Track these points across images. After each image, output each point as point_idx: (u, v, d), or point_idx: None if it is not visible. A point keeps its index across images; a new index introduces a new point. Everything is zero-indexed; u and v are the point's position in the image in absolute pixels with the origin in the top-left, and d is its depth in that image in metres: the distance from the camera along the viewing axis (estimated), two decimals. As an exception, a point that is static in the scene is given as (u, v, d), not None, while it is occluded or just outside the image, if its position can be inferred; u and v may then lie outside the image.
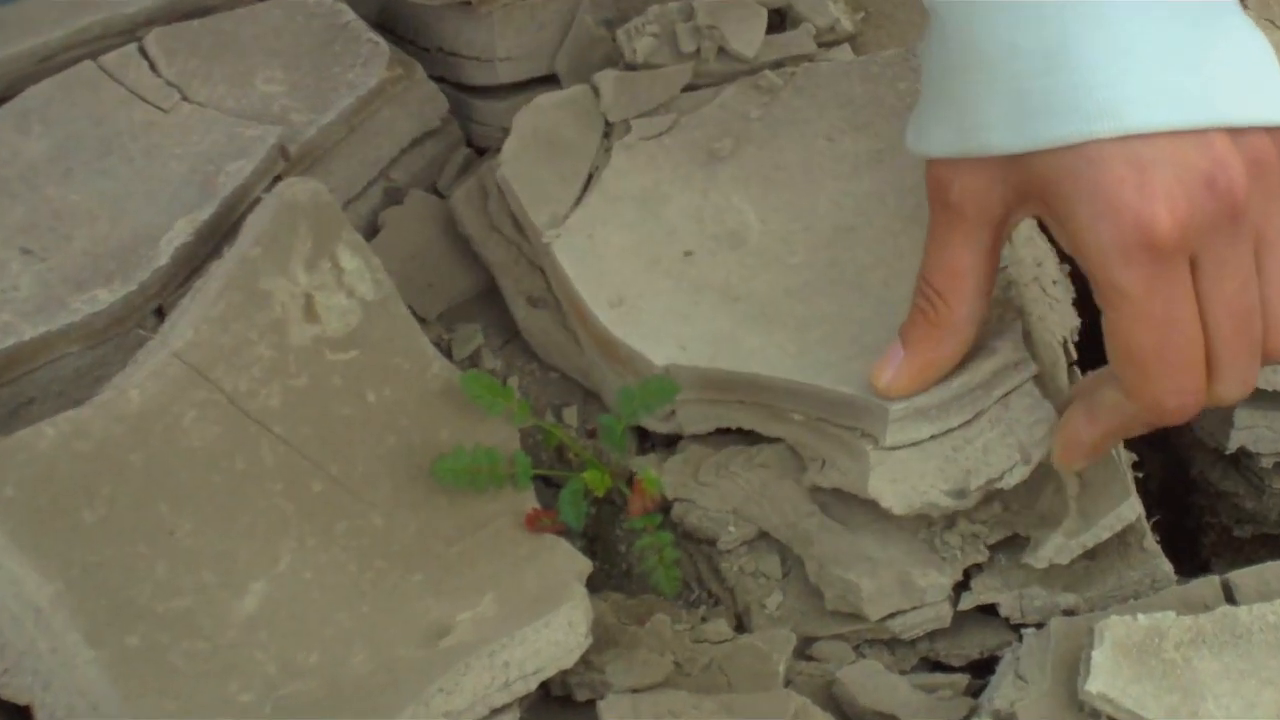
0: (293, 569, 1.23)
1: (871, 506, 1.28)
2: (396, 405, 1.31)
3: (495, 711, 1.17)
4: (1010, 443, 1.24)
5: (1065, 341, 1.33)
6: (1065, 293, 1.38)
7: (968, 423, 1.25)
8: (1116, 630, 1.14)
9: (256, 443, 1.26)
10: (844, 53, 1.53)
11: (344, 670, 1.19)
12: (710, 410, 1.35)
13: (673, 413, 1.35)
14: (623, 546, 1.40)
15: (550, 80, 1.58)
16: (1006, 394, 1.26)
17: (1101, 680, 1.12)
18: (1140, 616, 1.15)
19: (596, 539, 1.38)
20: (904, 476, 1.24)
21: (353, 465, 1.28)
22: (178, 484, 1.23)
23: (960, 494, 1.23)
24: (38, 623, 1.15)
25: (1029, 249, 1.36)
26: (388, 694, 1.16)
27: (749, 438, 1.36)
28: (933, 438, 1.25)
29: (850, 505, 1.30)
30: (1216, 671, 1.13)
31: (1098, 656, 1.13)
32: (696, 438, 1.37)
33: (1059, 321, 1.34)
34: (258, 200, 1.39)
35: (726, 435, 1.37)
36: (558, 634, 1.19)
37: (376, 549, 1.26)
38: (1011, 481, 1.24)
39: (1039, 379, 1.27)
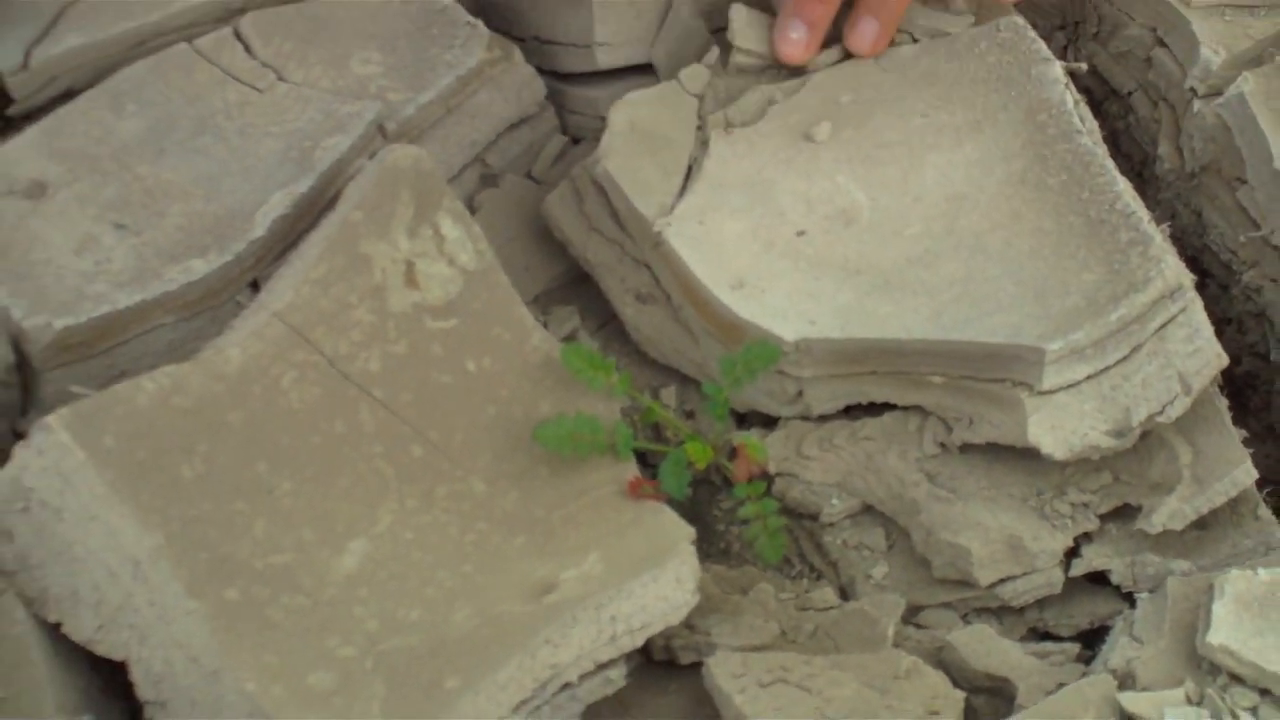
0: (393, 530, 1.22)
1: (980, 473, 1.28)
2: (496, 376, 1.31)
3: (601, 666, 1.17)
4: (1169, 374, 1.25)
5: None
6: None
7: (1125, 358, 1.25)
8: (1237, 584, 1.13)
9: (356, 406, 1.25)
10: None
11: (447, 626, 1.17)
12: (841, 386, 1.34)
13: (800, 393, 1.34)
14: (721, 526, 1.39)
15: (646, 69, 1.59)
16: (1163, 325, 1.26)
17: (1223, 633, 1.10)
18: (1261, 571, 1.14)
19: (695, 519, 1.36)
20: (1063, 420, 1.24)
21: (453, 433, 1.28)
22: (277, 444, 1.22)
23: (1121, 433, 1.23)
24: (136, 575, 1.14)
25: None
26: (493, 647, 1.15)
27: (849, 414, 1.35)
28: (1089, 377, 1.25)
29: (958, 474, 1.29)
30: None
31: (1218, 610, 1.11)
32: (796, 413, 1.36)
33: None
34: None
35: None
36: (665, 589, 1.18)
37: (478, 513, 1.25)
38: (1173, 414, 1.24)
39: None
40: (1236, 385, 1.55)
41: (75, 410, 1.17)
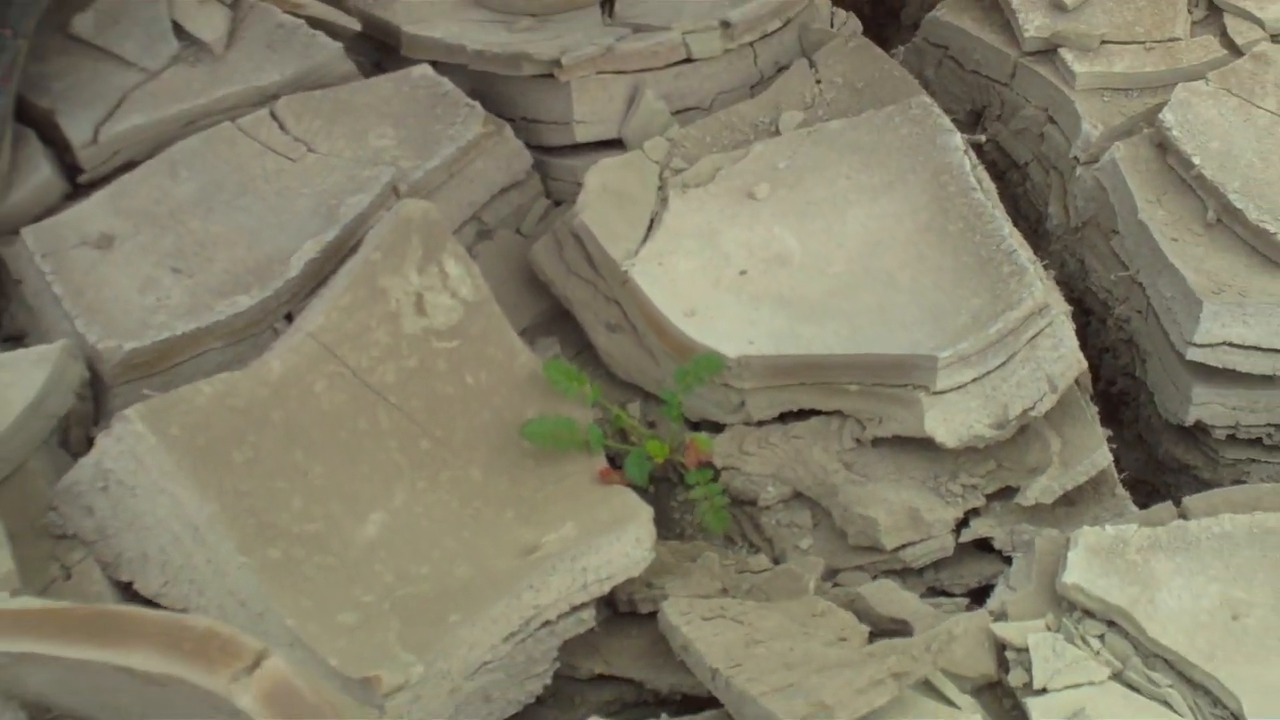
0: (406, 505, 1.47)
1: (888, 462, 1.55)
2: (490, 387, 1.57)
3: (575, 608, 1.42)
4: (1039, 377, 1.52)
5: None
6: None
7: (1003, 364, 1.53)
8: (1089, 537, 1.39)
9: (375, 409, 1.51)
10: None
11: (450, 579, 1.43)
12: (776, 396, 1.60)
13: (742, 403, 1.60)
14: (677, 515, 1.65)
15: (616, 143, 1.86)
16: (1034, 336, 1.54)
17: (1076, 574, 1.36)
18: (1108, 527, 1.40)
19: (656, 510, 1.58)
20: (953, 415, 1.52)
21: (454, 431, 1.53)
22: (310, 437, 1.47)
23: (1001, 425, 1.51)
24: (195, 539, 1.39)
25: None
26: (487, 591, 1.40)
27: (782, 418, 1.62)
28: (974, 380, 1.53)
29: (870, 462, 1.56)
30: (1170, 570, 1.37)
31: (1072, 556, 1.37)
32: (738, 420, 1.63)
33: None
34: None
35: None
36: (627, 546, 1.44)
37: (475, 493, 1.50)
38: (1043, 409, 1.52)
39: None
40: (1113, 402, 1.82)
41: (148, 405, 1.43)
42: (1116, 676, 1.32)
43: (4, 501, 1.43)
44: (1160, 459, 1.77)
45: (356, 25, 1.95)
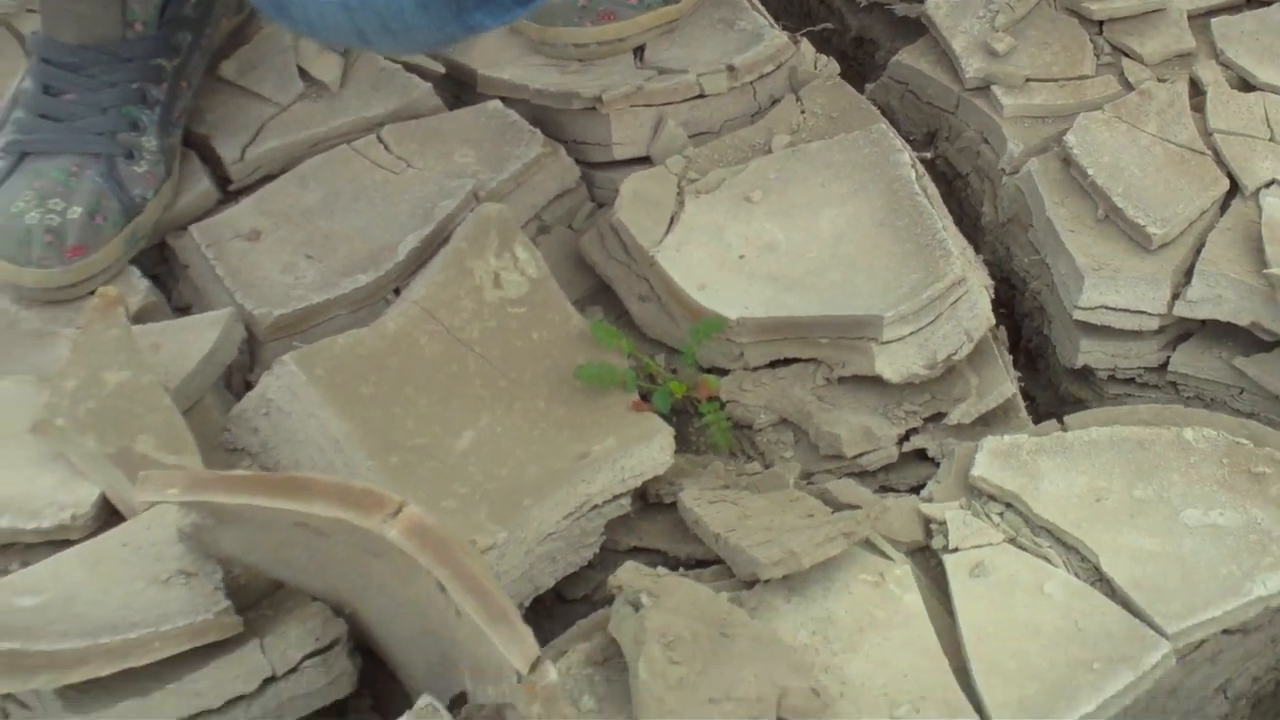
0: (489, 426, 1.92)
1: (850, 394, 2.03)
2: (550, 342, 2.02)
3: (616, 497, 1.88)
4: (959, 331, 2.00)
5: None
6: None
7: (932, 322, 2.01)
8: (991, 444, 1.86)
9: (465, 357, 1.96)
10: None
11: (524, 476, 1.87)
12: (767, 348, 2.07)
13: (741, 354, 2.07)
14: (694, 438, 2.10)
15: (645, 159, 2.32)
16: (955, 301, 2.02)
17: (981, 469, 1.84)
18: (1006, 436, 1.88)
19: (677, 435, 2.01)
20: (895, 359, 1.99)
21: (524, 374, 1.98)
22: (417, 377, 1.92)
23: (931, 366, 1.98)
24: (335, 449, 1.83)
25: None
26: (551, 484, 1.85)
27: (772, 365, 2.10)
28: (911, 333, 2.00)
29: (836, 395, 2.03)
30: (1051, 467, 1.84)
31: (979, 457, 1.85)
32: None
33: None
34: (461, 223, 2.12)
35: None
36: (654, 452, 1.90)
37: (540, 418, 1.95)
38: (963, 354, 1.99)
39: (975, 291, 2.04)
40: (1032, 355, 2.31)
41: (300, 352, 1.89)
42: (1010, 541, 1.77)
43: (190, 426, 1.85)
44: (1063, 395, 2.26)
45: (441, 69, 2.41)
